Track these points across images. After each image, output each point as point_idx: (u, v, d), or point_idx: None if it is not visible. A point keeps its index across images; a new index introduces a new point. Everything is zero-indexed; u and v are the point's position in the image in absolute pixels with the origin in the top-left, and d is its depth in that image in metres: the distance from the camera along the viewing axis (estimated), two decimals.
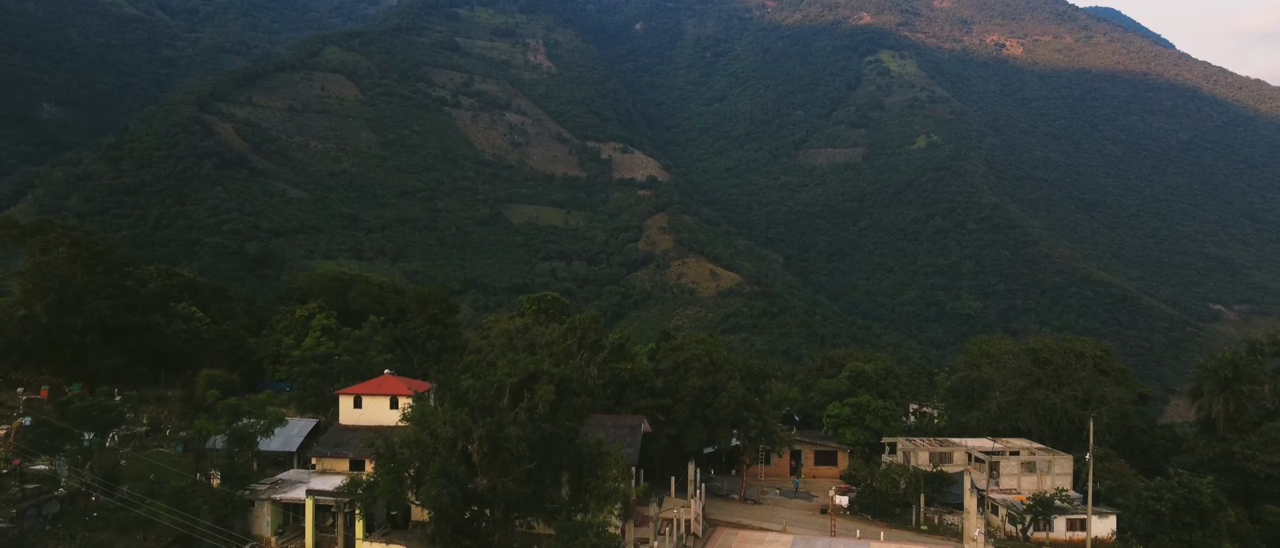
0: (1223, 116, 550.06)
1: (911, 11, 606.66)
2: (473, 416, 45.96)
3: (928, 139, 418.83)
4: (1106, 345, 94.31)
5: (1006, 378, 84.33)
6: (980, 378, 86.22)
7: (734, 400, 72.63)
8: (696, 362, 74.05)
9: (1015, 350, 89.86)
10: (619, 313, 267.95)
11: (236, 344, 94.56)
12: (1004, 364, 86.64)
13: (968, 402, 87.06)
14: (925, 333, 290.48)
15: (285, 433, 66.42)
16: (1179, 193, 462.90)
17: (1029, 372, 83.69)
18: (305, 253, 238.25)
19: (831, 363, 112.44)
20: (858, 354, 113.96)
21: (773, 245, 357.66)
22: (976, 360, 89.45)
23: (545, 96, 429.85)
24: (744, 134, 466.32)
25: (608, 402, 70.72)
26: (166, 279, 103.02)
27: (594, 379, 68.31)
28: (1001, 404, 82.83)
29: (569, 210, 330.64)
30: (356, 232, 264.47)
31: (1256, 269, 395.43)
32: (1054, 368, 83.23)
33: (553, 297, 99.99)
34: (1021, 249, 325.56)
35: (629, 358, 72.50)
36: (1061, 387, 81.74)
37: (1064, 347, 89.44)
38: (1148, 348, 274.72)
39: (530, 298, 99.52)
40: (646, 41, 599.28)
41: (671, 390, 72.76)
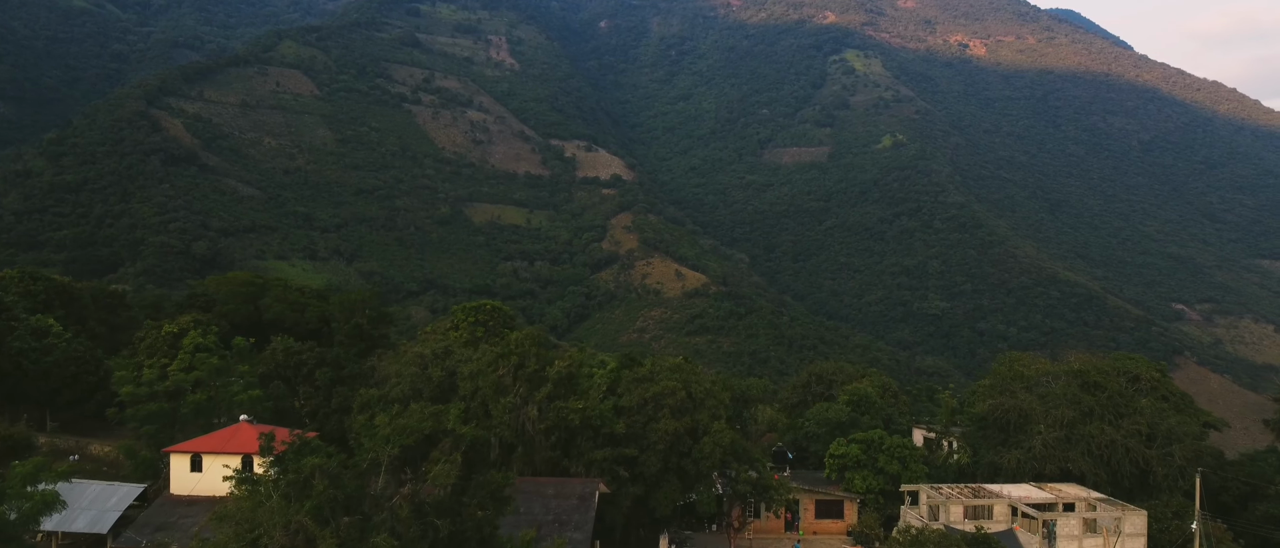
0: (1182, 117, 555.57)
1: (876, 11, 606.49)
2: (322, 513, 30.02)
3: (893, 138, 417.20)
4: (1161, 365, 79.05)
5: (1050, 408, 67.65)
6: (1018, 407, 68.66)
7: (720, 449, 56.42)
8: (670, 397, 56.71)
9: (1055, 372, 74.23)
10: (582, 314, 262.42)
11: (89, 367, 73.08)
12: (1045, 390, 70.35)
13: (1001, 436, 69.88)
14: (892, 333, 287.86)
15: (98, 503, 48.98)
16: (1140, 193, 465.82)
17: (1078, 400, 67.80)
18: (257, 253, 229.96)
19: (819, 379, 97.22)
20: (849, 369, 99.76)
21: (738, 245, 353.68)
22: (1007, 384, 72.48)
23: (508, 94, 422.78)
24: (709, 133, 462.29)
25: (551, 454, 54.98)
26: (31, 284, 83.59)
27: (533, 425, 53.07)
28: (1048, 441, 66.27)
29: (532, 210, 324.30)
30: (311, 231, 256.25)
31: (1217, 269, 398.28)
32: (1109, 395, 67.82)
33: (493, 306, 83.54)
34: (988, 249, 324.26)
35: (580, 394, 56.37)
36: (1119, 419, 66.78)
37: (1115, 367, 74.03)
38: (1114, 348, 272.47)
39: (465, 307, 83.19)
40: (611, 39, 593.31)
41: (637, 437, 55.97)
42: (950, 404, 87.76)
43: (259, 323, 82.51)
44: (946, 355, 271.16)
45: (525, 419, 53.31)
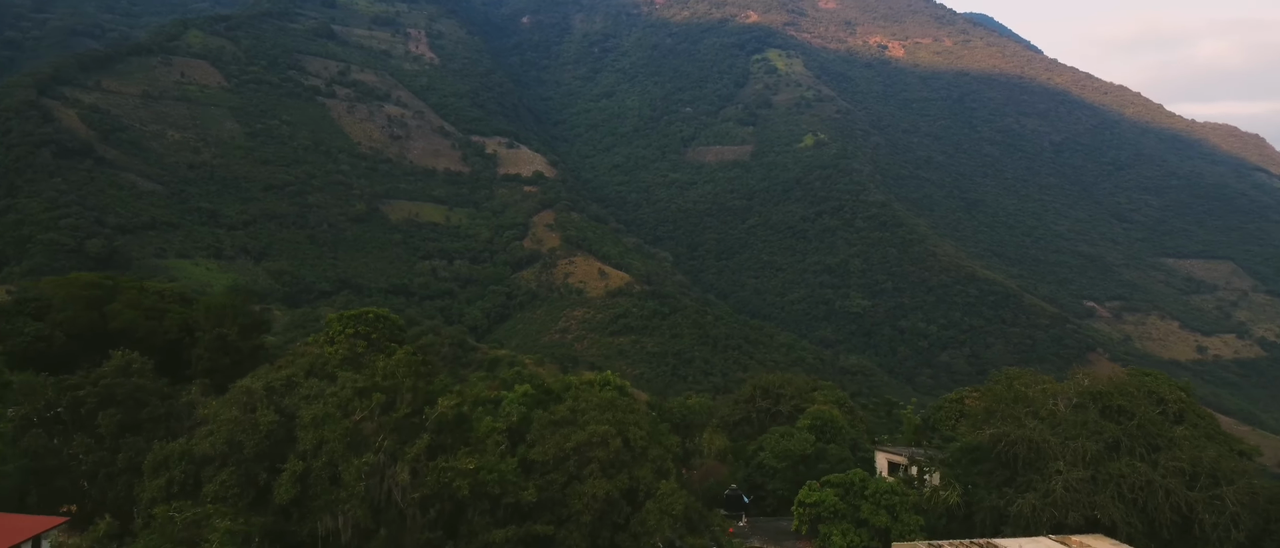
0: (1091, 120, 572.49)
1: (798, 12, 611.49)
2: None
3: (815, 138, 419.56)
4: (1185, 383, 64.77)
5: (1068, 439, 53.84)
6: (1027, 440, 54.11)
7: (670, 519, 41.31)
8: (599, 448, 42.64)
9: (1065, 393, 58.61)
10: (503, 315, 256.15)
11: None
12: (1057, 417, 55.98)
13: (1006, 474, 55.19)
14: (815, 331, 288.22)
15: None
16: (1052, 193, 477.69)
17: (1100, 430, 53.76)
18: (156, 252, 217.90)
19: (765, 393, 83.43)
20: (797, 381, 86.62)
21: (662, 243, 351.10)
22: (1008, 408, 57.13)
23: (427, 89, 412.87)
24: (632, 131, 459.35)
25: (429, 536, 38.92)
26: None
27: (404, 495, 38.12)
28: (1070, 482, 52.13)
29: (451, 207, 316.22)
30: (217, 228, 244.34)
31: (1125, 267, 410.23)
32: (1138, 424, 54.35)
33: (376, 315, 70.06)
34: (908, 247, 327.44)
35: (474, 445, 40.71)
36: (1153, 453, 53.74)
37: (1139, 386, 58.84)
38: (1031, 345, 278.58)
39: (343, 316, 68.78)
40: (533, 35, 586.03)
41: (554, 504, 41.78)
42: (913, 422, 78.94)
43: (105, 334, 67.25)
44: (868, 353, 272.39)
45: (392, 487, 38.14)
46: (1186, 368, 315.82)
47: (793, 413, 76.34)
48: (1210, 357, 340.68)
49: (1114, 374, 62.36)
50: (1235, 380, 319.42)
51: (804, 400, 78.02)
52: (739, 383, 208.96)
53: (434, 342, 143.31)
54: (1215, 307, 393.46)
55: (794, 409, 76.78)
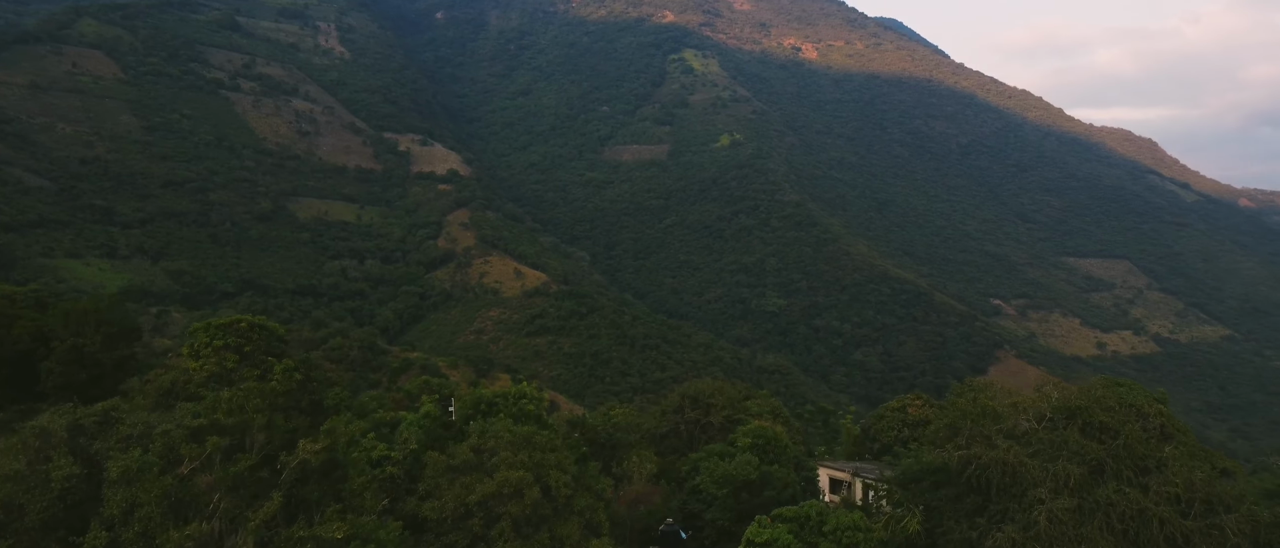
0: (996, 123, 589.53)
1: (713, 12, 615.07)
2: None
3: (731, 137, 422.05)
4: (1161, 393, 60.28)
5: (1047, 461, 47.08)
6: (1002, 463, 47.37)
7: None
8: (513, 501, 35.19)
9: (1037, 407, 51.88)
10: (416, 316, 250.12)
11: None
12: (1032, 435, 49.73)
13: (978, 502, 48.22)
14: (732, 331, 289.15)
15: None
16: (960, 193, 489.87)
17: (1083, 450, 47.63)
18: (44, 251, 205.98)
19: (695, 402, 75.82)
20: (728, 389, 79.43)
21: (579, 243, 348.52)
22: (977, 426, 50.71)
23: (337, 84, 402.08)
24: (549, 129, 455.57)
25: None
26: None
27: None
28: (1054, 512, 45.74)
29: (362, 205, 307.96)
30: (111, 227, 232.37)
31: (1029, 266, 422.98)
32: (1125, 443, 48.08)
33: (250, 323, 60.56)
34: (822, 247, 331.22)
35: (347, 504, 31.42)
36: (1143, 476, 47.42)
37: (1117, 398, 52.44)
38: (941, 343, 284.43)
39: (211, 326, 59.62)
40: (448, 31, 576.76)
41: None
42: (852, 432, 74.51)
43: None
44: (785, 352, 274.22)
45: None
46: (1088, 364, 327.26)
47: (724, 424, 70.70)
48: (1109, 353, 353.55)
49: (1088, 385, 54.92)
50: (1133, 376, 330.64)
51: (736, 410, 73.04)
52: (658, 383, 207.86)
53: (342, 345, 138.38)
54: (1113, 304, 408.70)
55: (726, 420, 70.05)
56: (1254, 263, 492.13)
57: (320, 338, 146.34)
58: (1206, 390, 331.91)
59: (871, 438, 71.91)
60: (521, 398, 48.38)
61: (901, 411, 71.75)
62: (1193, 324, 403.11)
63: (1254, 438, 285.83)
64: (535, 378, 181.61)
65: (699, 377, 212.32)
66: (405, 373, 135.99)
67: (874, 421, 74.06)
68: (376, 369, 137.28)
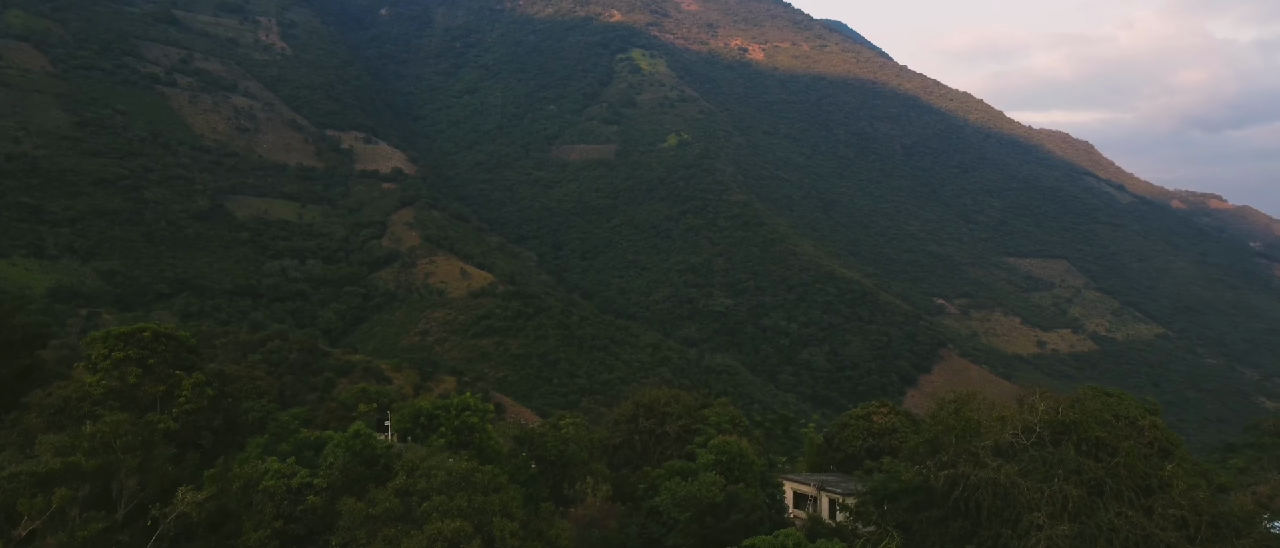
0: (939, 125, 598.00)
1: (660, 12, 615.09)
2: None
3: (679, 137, 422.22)
4: (1151, 402, 56.60)
5: (1042, 481, 43.04)
6: (993, 484, 43.30)
7: None
8: None
9: (1026, 422, 46.69)
10: (360, 317, 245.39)
11: None
12: (1020, 454, 45.22)
13: (968, 527, 44.35)
14: (680, 331, 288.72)
15: None
16: (904, 194, 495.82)
17: (1080, 469, 44.05)
18: None
19: (649, 411, 71.03)
20: (685, 398, 73.79)
21: (526, 242, 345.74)
22: (959, 441, 46.85)
23: (278, 79, 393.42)
24: (496, 128, 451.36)
25: None
26: None
27: None
28: (1054, 539, 41.97)
29: (304, 204, 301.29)
30: (39, 225, 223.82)
31: (971, 266, 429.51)
32: (1125, 460, 44.00)
33: (155, 332, 53.70)
34: (769, 247, 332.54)
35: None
36: (1145, 497, 43.32)
37: (1110, 410, 47.80)
38: (887, 342, 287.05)
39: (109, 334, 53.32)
40: (393, 28, 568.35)
41: None
42: (815, 442, 71.78)
43: None
44: (732, 352, 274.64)
45: None
46: (1028, 362, 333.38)
47: (681, 434, 67.22)
48: (1049, 351, 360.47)
49: (1078, 395, 50.99)
50: (1072, 374, 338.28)
51: (692, 419, 68.85)
52: (606, 385, 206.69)
53: (281, 348, 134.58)
54: (1052, 303, 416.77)
55: (682, 430, 67.87)
56: (1186, 263, 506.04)
57: (258, 341, 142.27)
58: (1142, 388, 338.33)
59: (835, 448, 69.35)
60: (464, 410, 44.96)
61: (866, 419, 69.33)
62: (1129, 323, 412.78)
63: (1187, 434, 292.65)
64: (481, 380, 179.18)
65: (647, 378, 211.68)
66: (347, 375, 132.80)
67: (837, 429, 71.38)
68: (317, 372, 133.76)
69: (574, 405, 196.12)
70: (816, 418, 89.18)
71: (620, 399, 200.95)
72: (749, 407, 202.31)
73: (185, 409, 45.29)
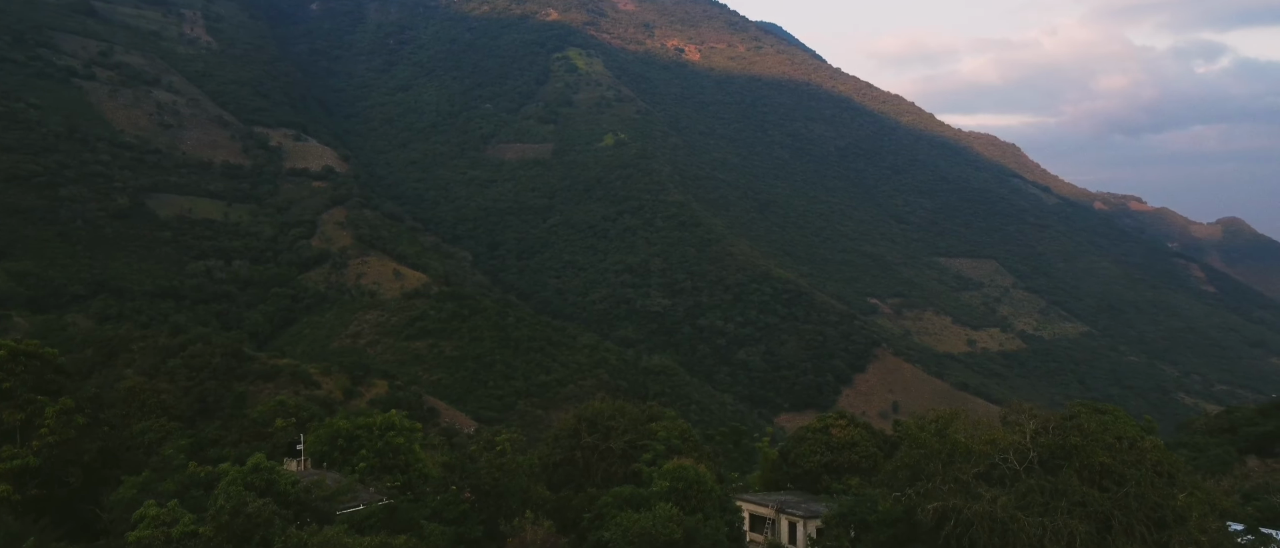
0: (872, 126, 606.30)
1: (597, 12, 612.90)
2: None
3: (615, 137, 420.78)
4: (1149, 421, 53.22)
5: (1043, 514, 38.42)
6: (988, 517, 38.44)
7: None
8: None
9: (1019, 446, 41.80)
10: (288, 319, 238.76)
11: None
12: (1015, 482, 40.46)
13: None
14: (617, 331, 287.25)
15: None
16: (838, 195, 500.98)
17: (1084, 500, 38.87)
18: None
19: (592, 426, 65.72)
20: (631, 411, 68.97)
21: (461, 243, 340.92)
22: (946, 467, 42.08)
23: (204, 74, 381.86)
24: (430, 126, 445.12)
25: None
26: None
27: None
28: None
29: (230, 203, 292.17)
30: None
31: (903, 266, 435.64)
32: (1137, 490, 39.10)
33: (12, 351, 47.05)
34: (706, 247, 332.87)
35: None
36: (1159, 531, 38.80)
37: (1108, 431, 42.77)
38: (822, 341, 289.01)
39: None
40: (324, 23, 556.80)
41: None
42: (770, 457, 67.41)
43: None
44: (669, 352, 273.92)
45: None
46: (960, 360, 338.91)
47: (627, 450, 63.18)
48: (979, 349, 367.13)
49: (1069, 411, 46.63)
50: (1001, 372, 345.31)
51: (639, 434, 64.58)
52: (543, 387, 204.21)
53: (203, 352, 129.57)
54: (982, 303, 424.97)
55: (629, 445, 63.69)
56: (1108, 263, 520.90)
57: (179, 345, 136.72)
58: (1068, 385, 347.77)
59: (791, 463, 65.53)
60: (388, 429, 41.20)
61: (824, 432, 66.02)
62: (1055, 321, 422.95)
63: None
64: (415, 384, 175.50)
65: (584, 379, 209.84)
66: (273, 380, 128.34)
67: (793, 444, 67.62)
68: (241, 378, 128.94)
69: (510, 408, 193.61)
70: (771, 431, 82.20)
71: (558, 401, 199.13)
72: (687, 408, 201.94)
73: (48, 441, 39.27)
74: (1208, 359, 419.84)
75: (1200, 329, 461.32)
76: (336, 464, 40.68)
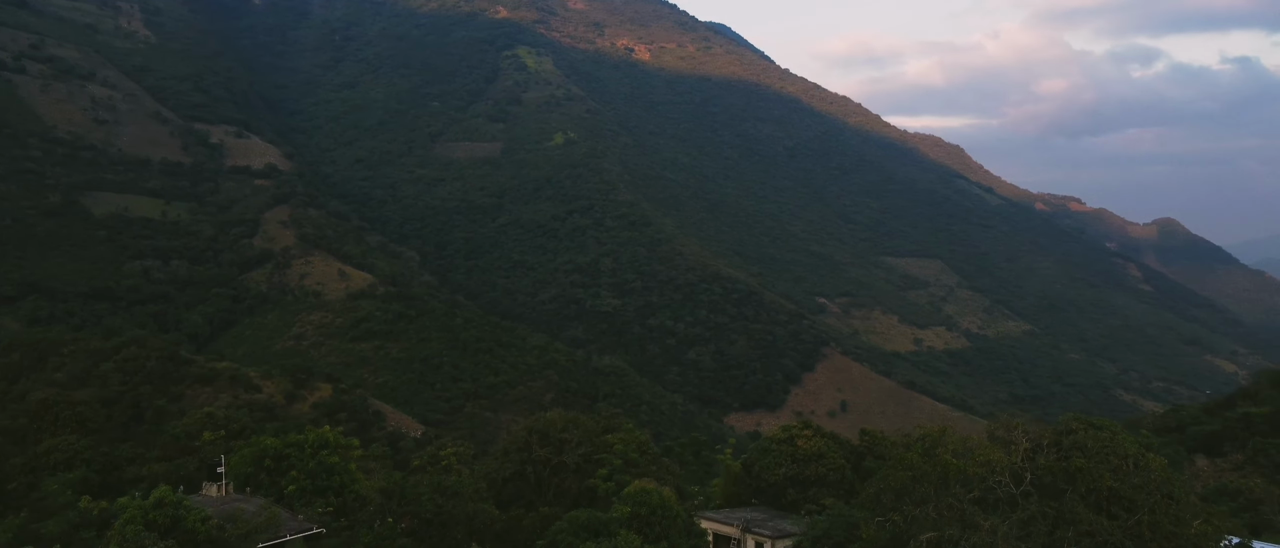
0: (819, 127, 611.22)
1: (547, 10, 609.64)
2: None
3: (565, 136, 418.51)
4: (1147, 437, 50.12)
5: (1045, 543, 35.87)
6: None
7: None
8: None
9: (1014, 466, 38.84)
10: (229, 320, 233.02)
11: None
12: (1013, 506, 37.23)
13: None
14: (566, 331, 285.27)
15: None
16: (787, 195, 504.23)
17: (1093, 529, 35.46)
18: None
19: (544, 438, 61.93)
20: (585, 422, 65.44)
21: (408, 242, 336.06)
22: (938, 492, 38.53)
23: (142, 69, 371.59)
24: (377, 124, 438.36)
25: None
26: None
27: None
28: None
29: (168, 201, 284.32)
30: None
31: (851, 265, 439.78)
32: (1150, 517, 35.67)
33: None
34: (656, 247, 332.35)
35: None
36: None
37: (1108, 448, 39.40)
38: (771, 341, 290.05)
39: None
40: (268, 18, 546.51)
41: None
42: (732, 470, 63.44)
43: None
44: (619, 353, 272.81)
45: None
46: (907, 359, 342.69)
47: (581, 465, 59.96)
48: (925, 348, 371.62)
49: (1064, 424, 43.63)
50: (947, 370, 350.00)
51: (594, 447, 61.02)
52: (492, 388, 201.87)
53: (138, 356, 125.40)
54: (928, 302, 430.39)
55: (583, 459, 60.21)
56: (1050, 262, 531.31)
57: (112, 348, 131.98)
58: (1012, 382, 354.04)
59: (755, 476, 62.23)
60: (322, 447, 37.34)
61: (789, 443, 62.45)
62: (999, 320, 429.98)
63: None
64: (360, 386, 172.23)
65: (534, 380, 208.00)
66: (211, 385, 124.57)
67: (757, 455, 63.75)
68: (178, 382, 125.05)
69: (458, 410, 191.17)
70: (733, 442, 77.50)
71: (507, 403, 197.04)
72: (637, 409, 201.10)
73: None
74: (1145, 356, 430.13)
75: (1138, 327, 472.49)
76: (264, 488, 37.37)
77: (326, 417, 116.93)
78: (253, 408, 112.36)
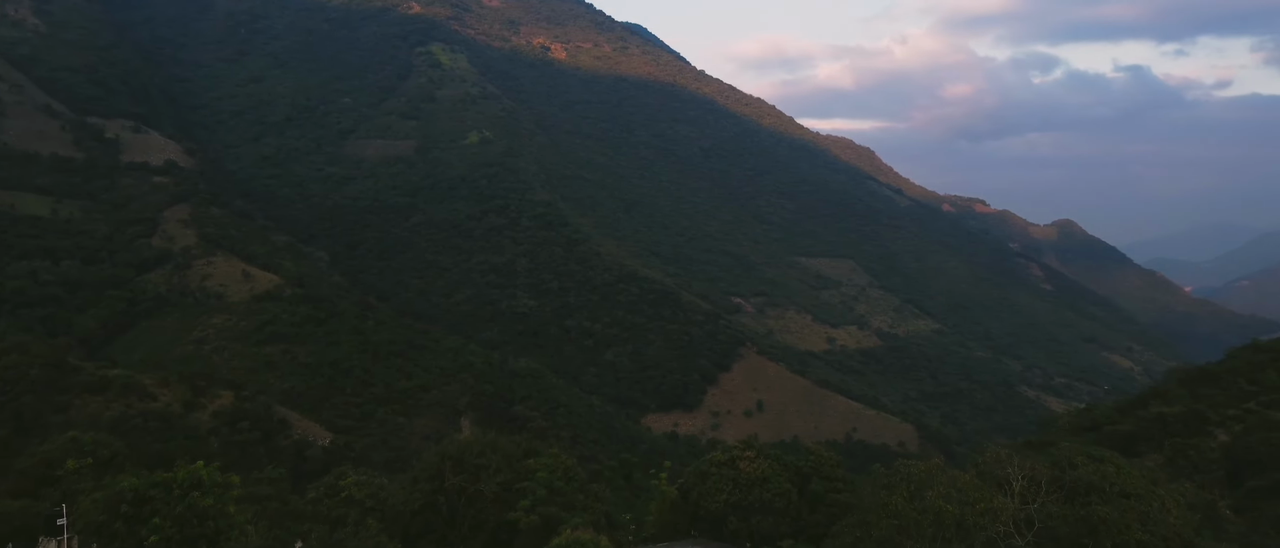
0: (734, 128, 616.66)
1: (462, 7, 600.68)
2: None
3: (480, 135, 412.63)
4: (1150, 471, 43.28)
5: None
6: None
7: None
8: None
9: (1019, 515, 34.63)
10: (125, 324, 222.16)
11: None
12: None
13: None
14: (481, 333, 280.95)
15: None
16: (702, 195, 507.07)
17: None
18: None
19: (459, 465, 56.53)
20: (505, 445, 60.22)
21: (317, 242, 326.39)
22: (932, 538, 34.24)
23: (30, 59, 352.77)
24: (284, 120, 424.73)
25: None
26: None
27: None
28: None
29: (59, 198, 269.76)
30: None
31: (765, 265, 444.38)
32: None
33: None
34: (573, 247, 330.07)
35: None
36: None
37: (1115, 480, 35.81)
38: (688, 341, 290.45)
39: None
40: (168, 9, 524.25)
41: None
42: (668, 496, 59.08)
43: None
44: (536, 354, 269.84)
45: None
46: (820, 358, 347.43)
47: (500, 494, 55.45)
48: (838, 347, 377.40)
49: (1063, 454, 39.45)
50: (858, 368, 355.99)
51: (515, 474, 56.44)
52: (404, 393, 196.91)
53: (20, 363, 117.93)
54: (840, 301, 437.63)
55: (503, 488, 55.85)
56: (957, 262, 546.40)
57: None
58: (922, 380, 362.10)
59: (693, 503, 57.69)
60: (193, 488, 31.68)
61: (730, 466, 58.10)
62: (909, 319, 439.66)
63: (961, 422, 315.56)
64: (264, 393, 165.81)
65: (448, 384, 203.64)
66: (102, 394, 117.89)
67: (695, 481, 58.84)
68: (64, 391, 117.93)
69: (369, 416, 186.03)
70: (669, 465, 73.67)
71: (421, 408, 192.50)
72: (555, 411, 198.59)
73: None
74: (1047, 353, 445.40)
75: (1040, 325, 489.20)
76: (119, 538, 31.46)
77: (227, 426, 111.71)
78: (147, 418, 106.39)
